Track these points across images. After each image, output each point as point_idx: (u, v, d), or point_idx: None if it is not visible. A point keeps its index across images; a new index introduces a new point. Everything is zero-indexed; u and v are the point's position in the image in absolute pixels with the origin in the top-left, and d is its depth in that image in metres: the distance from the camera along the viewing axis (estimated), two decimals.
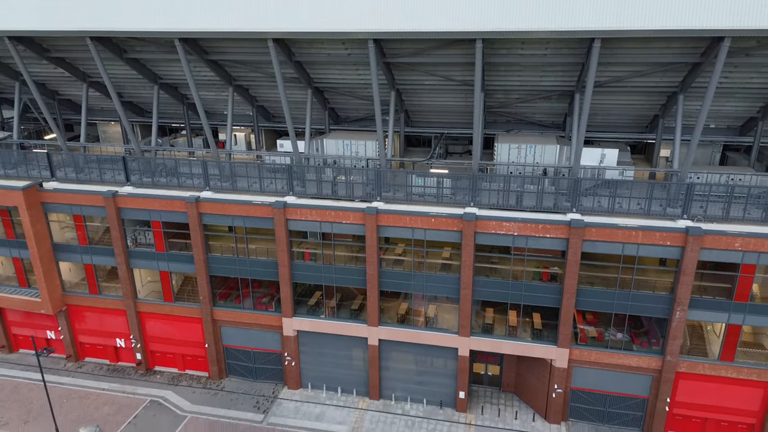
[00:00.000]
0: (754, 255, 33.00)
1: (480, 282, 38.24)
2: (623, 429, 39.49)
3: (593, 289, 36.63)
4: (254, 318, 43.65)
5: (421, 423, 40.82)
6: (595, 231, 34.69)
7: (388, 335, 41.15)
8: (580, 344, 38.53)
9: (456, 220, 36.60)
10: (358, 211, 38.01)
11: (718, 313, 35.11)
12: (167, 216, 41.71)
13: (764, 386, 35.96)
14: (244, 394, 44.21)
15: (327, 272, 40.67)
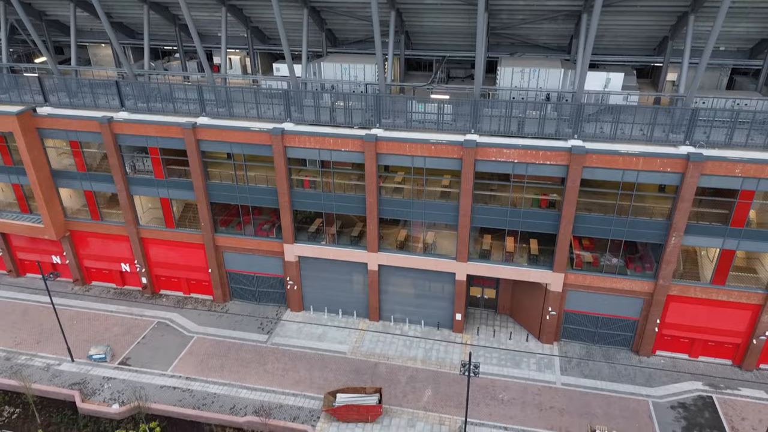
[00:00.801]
0: (753, 181, 33.00)
1: (478, 209, 38.49)
2: (613, 348, 41.16)
3: (591, 215, 36.92)
4: (256, 244, 44.33)
5: (419, 343, 42.50)
6: (596, 158, 34.48)
7: (387, 261, 41.96)
8: (575, 269, 39.35)
9: (456, 147, 36.27)
10: (357, 139, 37.60)
11: (713, 239, 35.61)
12: (165, 142, 41.33)
13: (752, 308, 37.11)
14: (248, 316, 45.72)
15: (327, 200, 40.83)
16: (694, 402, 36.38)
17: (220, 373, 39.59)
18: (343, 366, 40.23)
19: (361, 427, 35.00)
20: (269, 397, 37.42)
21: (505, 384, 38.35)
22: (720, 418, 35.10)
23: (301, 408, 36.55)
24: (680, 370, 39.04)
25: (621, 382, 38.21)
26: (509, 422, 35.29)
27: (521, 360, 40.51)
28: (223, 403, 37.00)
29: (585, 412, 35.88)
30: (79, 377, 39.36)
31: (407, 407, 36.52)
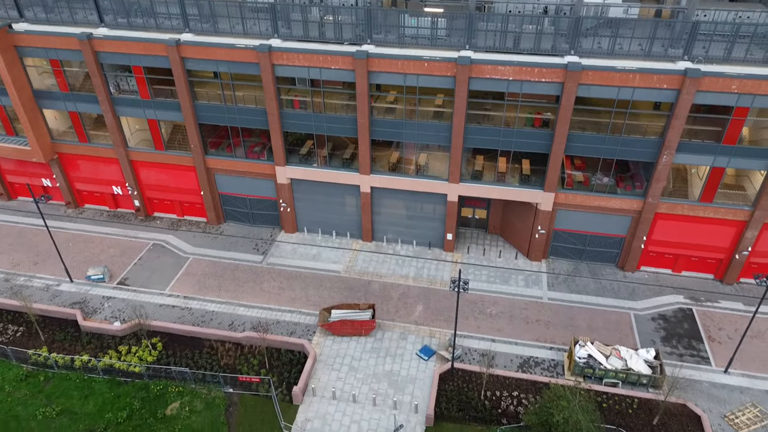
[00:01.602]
0: (749, 98, 32.67)
1: (471, 129, 38.11)
2: (599, 265, 42.37)
3: (584, 134, 36.74)
4: (247, 166, 44.06)
5: (410, 261, 43.50)
6: (592, 74, 33.79)
7: (379, 183, 42.01)
8: (566, 188, 39.67)
9: (450, 64, 35.32)
10: (347, 56, 36.44)
11: (704, 156, 35.75)
12: (148, 61, 39.90)
13: (737, 225, 37.94)
14: (242, 237, 46.28)
15: (317, 121, 40.19)
16: (674, 314, 38.01)
17: (218, 292, 40.63)
18: (337, 284, 41.33)
19: (356, 340, 36.49)
20: (266, 314, 38.66)
21: (494, 299, 39.72)
22: (698, 329, 36.83)
23: (298, 324, 37.89)
24: (663, 284, 40.45)
25: (605, 296, 39.66)
26: (497, 334, 36.88)
27: (510, 277, 41.73)
28: (222, 320, 38.24)
29: (570, 324, 37.47)
30: (79, 297, 40.29)
31: (399, 321, 37.96)
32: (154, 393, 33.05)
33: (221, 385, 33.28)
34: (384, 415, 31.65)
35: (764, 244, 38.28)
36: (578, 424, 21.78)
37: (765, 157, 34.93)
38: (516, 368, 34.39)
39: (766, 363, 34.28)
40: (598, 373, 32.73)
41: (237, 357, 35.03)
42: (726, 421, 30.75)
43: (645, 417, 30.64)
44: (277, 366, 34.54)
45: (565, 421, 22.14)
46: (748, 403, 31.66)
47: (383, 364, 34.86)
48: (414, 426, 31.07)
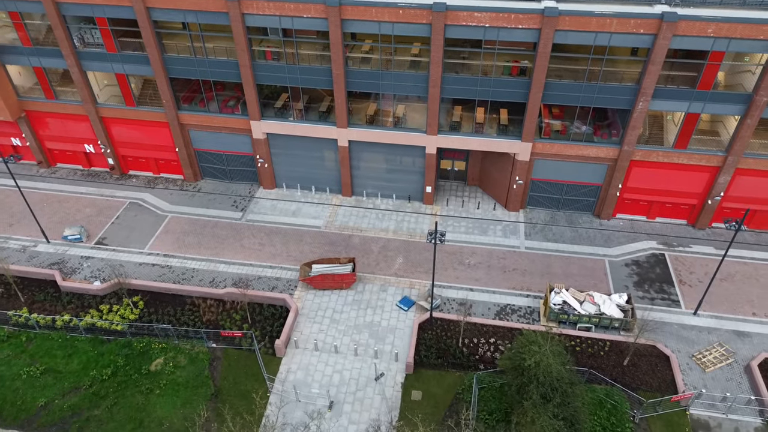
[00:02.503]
0: (724, 41, 32.47)
1: (449, 79, 37.53)
2: (576, 213, 42.92)
3: (561, 82, 36.42)
4: (222, 121, 43.18)
5: (390, 215, 43.62)
6: (569, 20, 33.19)
7: (357, 136, 41.55)
8: (543, 138, 39.64)
9: (425, 11, 34.39)
10: (320, 3, 35.24)
11: (679, 102, 35.79)
12: (112, 11, 38.23)
13: (710, 170, 38.44)
14: (220, 194, 45.85)
15: (291, 72, 39.21)
16: (647, 259, 38.93)
17: (198, 250, 40.56)
18: (317, 239, 41.45)
19: (337, 293, 36.95)
20: (247, 270, 38.82)
21: (472, 250, 40.23)
22: (670, 273, 37.85)
23: (279, 279, 38.16)
24: (638, 231, 41.22)
25: (581, 244, 40.38)
26: (475, 284, 37.57)
27: (488, 227, 42.16)
28: (203, 277, 38.35)
29: (546, 272, 38.24)
30: (57, 257, 39.97)
31: (380, 274, 38.40)
32: (138, 350, 33.39)
33: (204, 340, 33.70)
34: (365, 364, 32.46)
35: (736, 189, 38.95)
36: (549, 367, 22.57)
37: (739, 102, 35.05)
38: (493, 316, 35.25)
39: (734, 304, 35.51)
40: (572, 318, 33.70)
41: (219, 313, 35.34)
42: (694, 360, 32.07)
43: (616, 358, 31.82)
44: (259, 320, 34.97)
45: (537, 365, 22.91)
46: (716, 343, 32.97)
47: (364, 315, 35.48)
48: (395, 374, 31.95)
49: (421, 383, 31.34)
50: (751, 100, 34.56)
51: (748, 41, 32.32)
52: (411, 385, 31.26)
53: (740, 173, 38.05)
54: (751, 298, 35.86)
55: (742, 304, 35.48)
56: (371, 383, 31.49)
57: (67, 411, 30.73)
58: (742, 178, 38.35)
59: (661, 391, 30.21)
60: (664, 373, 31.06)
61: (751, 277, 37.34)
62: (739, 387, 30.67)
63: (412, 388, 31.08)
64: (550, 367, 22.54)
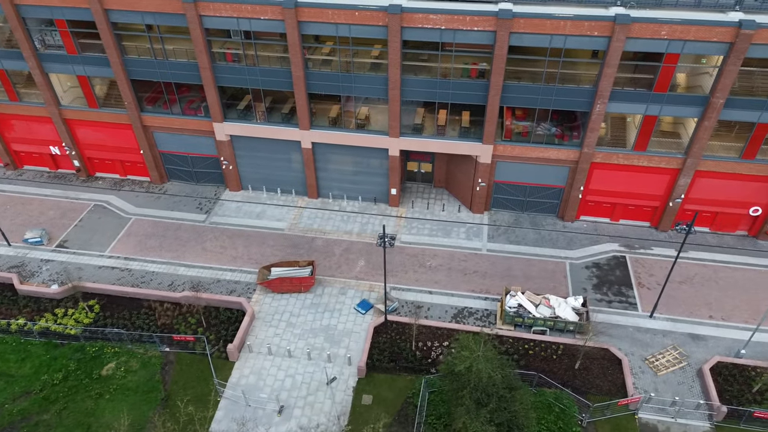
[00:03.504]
0: (679, 43, 32.38)
1: (408, 81, 37.42)
2: (540, 215, 42.82)
3: (519, 84, 36.31)
4: (185, 123, 42.99)
5: (355, 217, 43.48)
6: (523, 22, 33.09)
7: (320, 138, 41.39)
8: (505, 140, 39.53)
9: (381, 13, 34.27)
10: (276, 5, 35.07)
11: (636, 105, 35.71)
12: (71, 13, 38.02)
13: (670, 172, 38.38)
14: (186, 196, 45.64)
15: (252, 74, 39.05)
16: (608, 262, 38.85)
17: (159, 253, 40.35)
18: (280, 242, 41.28)
19: (295, 297, 36.80)
20: (207, 273, 38.64)
21: (434, 252, 40.11)
22: (629, 275, 37.77)
23: (238, 282, 37.98)
24: (601, 233, 41.14)
25: (543, 246, 40.28)
26: (434, 286, 37.44)
27: (452, 229, 42.04)
28: (162, 280, 38.13)
29: (506, 274, 38.14)
30: (16, 260, 39.73)
31: (340, 277, 38.25)
32: (90, 354, 33.20)
33: (157, 344, 33.51)
34: (318, 368, 32.32)
35: (697, 191, 38.90)
36: (480, 372, 22.45)
37: (696, 104, 34.98)
38: (450, 319, 35.13)
39: (691, 307, 35.45)
40: (528, 321, 33.61)
41: (175, 317, 35.15)
42: (647, 363, 32.00)
43: (568, 362, 31.73)
44: (215, 324, 34.79)
45: (468, 370, 22.79)
46: (670, 346, 32.91)
47: (321, 319, 35.32)
48: (347, 378, 31.81)
49: (372, 387, 31.21)
50: (707, 103, 34.48)
51: (702, 43, 32.25)
52: (362, 389, 31.13)
53: (700, 175, 38.00)
54: (709, 300, 35.81)
55: (700, 306, 35.43)
56: (323, 387, 31.35)
57: (16, 416, 30.54)
58: (703, 180, 38.31)
59: (612, 395, 30.14)
60: (615, 376, 30.98)
61: (710, 279, 37.29)
62: (690, 391, 30.60)
63: (363, 393, 30.95)
64: (481, 372, 22.41)
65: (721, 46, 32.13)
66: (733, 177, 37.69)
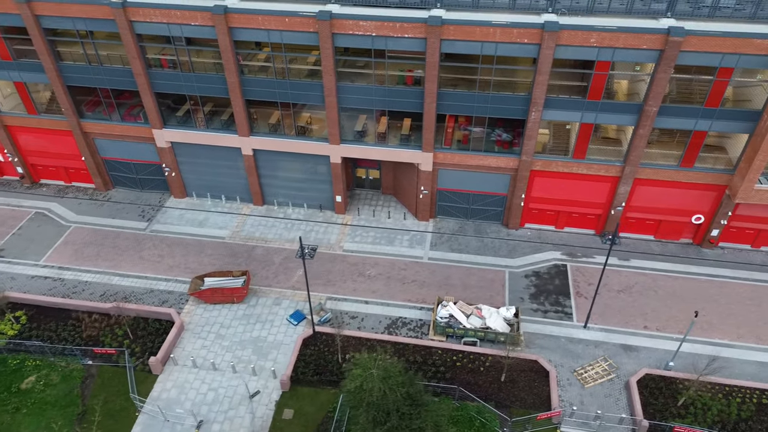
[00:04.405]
0: (609, 51, 31.95)
1: (344, 88, 36.88)
2: (485, 222, 42.34)
3: (454, 92, 35.84)
4: (125, 130, 42.33)
5: (299, 225, 42.88)
6: (454, 29, 32.60)
7: (261, 145, 40.81)
8: (445, 148, 39.03)
9: (311, 19, 33.71)
10: (206, 11, 34.48)
11: (572, 113, 35.28)
12: (2, 19, 37.37)
13: (611, 181, 37.95)
14: (130, 204, 44.94)
15: (187, 81, 38.44)
16: (548, 270, 38.38)
17: (95, 262, 39.63)
18: (219, 250, 40.64)
19: (228, 307, 36.16)
20: (141, 283, 37.94)
21: (375, 261, 39.55)
22: (568, 284, 37.30)
23: (172, 292, 37.30)
24: (545, 241, 40.67)
25: (485, 254, 39.78)
26: (371, 296, 36.88)
27: (395, 237, 41.49)
28: (94, 290, 37.42)
29: (444, 283, 37.61)
30: None
31: (276, 287, 37.63)
32: (11, 367, 32.45)
33: (79, 357, 32.80)
34: (242, 382, 31.68)
35: (638, 198, 38.50)
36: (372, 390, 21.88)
37: (630, 112, 34.57)
38: (383, 329, 34.57)
39: (627, 317, 35.01)
40: (458, 332, 33.09)
41: (102, 328, 34.43)
42: (575, 375, 31.53)
43: (495, 374, 31.22)
44: (142, 336, 34.10)
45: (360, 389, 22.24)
46: (600, 358, 32.45)
47: (252, 330, 34.69)
48: (271, 391, 31.20)
49: (295, 401, 30.61)
50: (641, 110, 34.08)
51: (632, 51, 31.84)
52: (285, 404, 30.53)
53: (640, 183, 37.60)
54: (646, 310, 35.38)
55: (636, 317, 35.00)
56: (245, 402, 30.72)
57: None
58: (643, 188, 37.91)
59: (536, 408, 29.64)
60: (541, 389, 30.48)
61: (650, 288, 36.88)
62: (616, 404, 30.13)
63: (285, 407, 30.35)
64: (372, 390, 21.85)
65: (651, 53, 31.73)
66: (673, 185, 37.31)
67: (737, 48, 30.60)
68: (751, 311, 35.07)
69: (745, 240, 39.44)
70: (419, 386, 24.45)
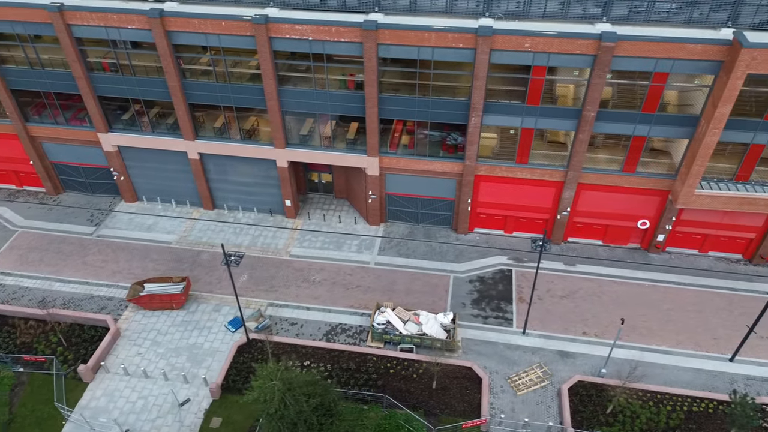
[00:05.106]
0: (544, 56, 31.74)
1: (286, 92, 36.59)
2: (435, 227, 42.08)
3: (395, 96, 35.58)
4: (72, 134, 41.94)
5: (248, 229, 42.52)
6: (389, 33, 32.34)
7: (207, 149, 40.45)
8: (390, 152, 38.76)
9: (247, 23, 33.40)
10: (141, 14, 34.13)
11: (512, 117, 35.04)
12: None
13: (555, 186, 37.74)
14: (80, 208, 44.49)
15: (129, 84, 38.07)
16: (492, 275, 38.14)
17: (38, 267, 39.19)
18: (165, 255, 40.24)
19: (167, 314, 35.77)
20: (82, 289, 37.52)
21: (321, 266, 39.23)
22: (511, 289, 37.07)
23: (112, 298, 36.91)
24: (494, 245, 40.43)
25: (433, 259, 39.51)
26: (313, 302, 36.56)
27: (344, 242, 41.18)
28: (34, 296, 36.99)
29: (389, 289, 37.33)
30: None
31: (219, 293, 37.27)
32: None
33: (9, 364, 32.36)
34: (174, 390, 31.30)
35: (584, 203, 38.31)
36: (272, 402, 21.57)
37: (570, 117, 34.39)
38: (322, 336, 34.26)
39: (568, 323, 34.80)
40: (395, 338, 32.82)
41: (37, 335, 34.02)
42: (509, 382, 31.28)
43: (428, 381, 30.94)
44: (76, 343, 33.70)
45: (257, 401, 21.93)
46: (536, 364, 32.21)
47: (189, 337, 34.33)
48: (201, 399, 30.85)
49: (224, 409, 30.26)
50: (580, 115, 33.88)
51: (567, 56, 31.64)
52: (214, 412, 30.18)
53: (584, 188, 37.41)
54: (587, 316, 35.18)
55: (576, 322, 34.80)
56: (174, 410, 30.35)
57: None
58: (588, 193, 37.72)
59: (465, 416, 29.39)
60: (473, 396, 30.23)
61: (593, 294, 36.69)
62: (547, 411, 29.91)
63: (214, 415, 30.00)
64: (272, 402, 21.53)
65: (585, 58, 31.55)
66: (618, 190, 37.12)
67: (670, 53, 30.44)
68: (691, 317, 34.91)
69: (693, 245, 39.33)
70: (333, 395, 24.13)
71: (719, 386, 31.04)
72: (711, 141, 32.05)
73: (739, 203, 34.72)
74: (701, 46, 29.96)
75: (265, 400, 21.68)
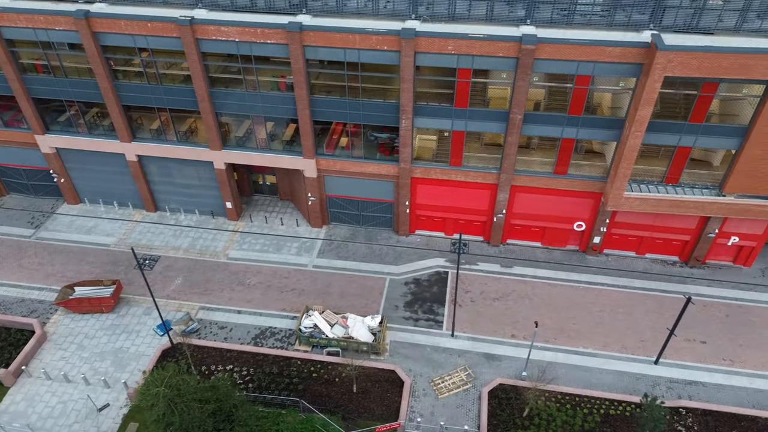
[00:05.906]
0: (468, 58, 31.70)
1: (218, 94, 36.39)
2: (377, 229, 41.98)
3: (326, 98, 35.44)
4: (9, 135, 41.58)
5: (188, 232, 42.27)
6: (314, 35, 32.21)
7: (144, 151, 40.17)
8: (327, 154, 38.62)
9: (172, 24, 33.18)
10: (68, 16, 33.83)
11: (442, 120, 34.99)
12: None
13: (490, 188, 37.70)
14: (22, 210, 44.08)
15: (62, 86, 37.76)
16: (429, 278, 38.07)
17: None
18: (102, 258, 39.93)
19: (96, 317, 35.49)
20: (14, 292, 37.18)
21: (258, 269, 39.04)
22: (446, 292, 37.00)
23: (43, 302, 36.57)
24: (434, 248, 40.36)
25: (372, 261, 39.41)
26: (246, 306, 36.37)
27: (284, 245, 41.01)
28: None
29: (324, 292, 37.19)
30: None
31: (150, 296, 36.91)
32: None
33: None
34: (94, 394, 31.04)
35: (519, 206, 38.31)
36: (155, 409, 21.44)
37: (498, 120, 34.37)
38: (250, 340, 34.08)
39: (497, 325, 34.77)
40: (322, 342, 32.69)
41: None
42: (432, 385, 31.21)
43: (349, 385, 30.82)
44: (1, 347, 33.33)
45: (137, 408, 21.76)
46: (460, 367, 32.17)
47: (116, 341, 34.06)
48: (122, 404, 30.59)
49: (142, 414, 29.91)
50: (508, 118, 33.88)
51: (490, 58, 31.61)
52: (132, 417, 29.93)
53: (518, 190, 37.41)
54: (518, 318, 35.18)
55: (506, 325, 34.79)
56: (93, 415, 30.09)
57: None
58: (522, 195, 37.72)
59: (384, 420, 29.29)
60: (393, 399, 30.14)
61: (526, 296, 36.69)
62: (467, 415, 29.86)
63: (132, 420, 29.76)
64: (155, 409, 21.38)
65: (508, 61, 31.52)
66: (551, 192, 37.15)
67: (590, 56, 30.46)
68: (620, 320, 34.99)
69: (629, 247, 39.43)
70: (235, 400, 23.97)
71: (641, 389, 31.09)
72: (634, 143, 32.10)
73: (668, 205, 34.82)
74: (620, 48, 30.01)
75: (152, 406, 21.51)
